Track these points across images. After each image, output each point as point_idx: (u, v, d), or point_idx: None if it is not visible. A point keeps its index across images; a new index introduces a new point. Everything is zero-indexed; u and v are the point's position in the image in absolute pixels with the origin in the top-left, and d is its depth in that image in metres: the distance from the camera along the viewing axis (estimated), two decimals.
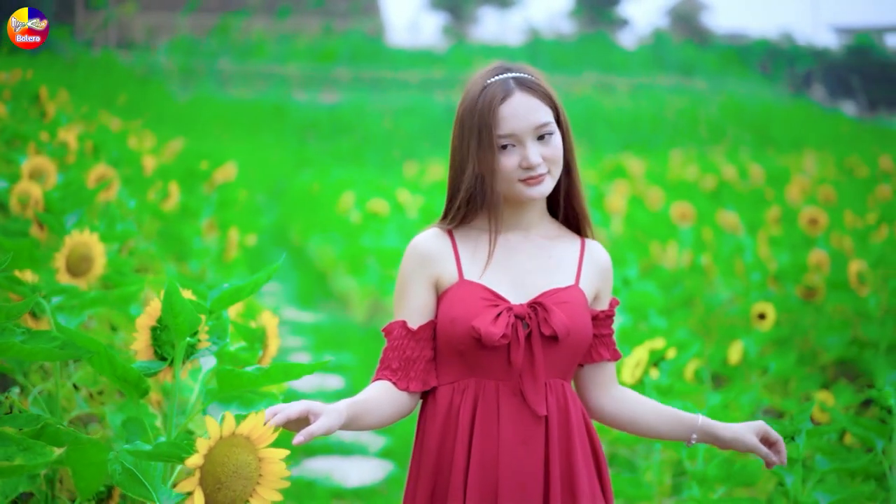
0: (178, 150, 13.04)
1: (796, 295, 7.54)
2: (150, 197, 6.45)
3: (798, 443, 2.90)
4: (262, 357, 3.19)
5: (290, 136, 27.44)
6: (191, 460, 1.91)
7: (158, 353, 2.58)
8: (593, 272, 2.63)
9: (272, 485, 2.01)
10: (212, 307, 2.59)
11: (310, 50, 34.10)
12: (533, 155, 2.50)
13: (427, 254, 2.56)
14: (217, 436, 1.94)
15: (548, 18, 72.37)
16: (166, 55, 30.67)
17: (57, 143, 6.10)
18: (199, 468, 1.93)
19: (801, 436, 2.90)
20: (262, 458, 2.00)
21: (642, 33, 48.83)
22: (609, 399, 2.64)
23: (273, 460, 2.01)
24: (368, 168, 23.49)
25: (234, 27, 34.41)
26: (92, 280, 3.70)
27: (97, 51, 28.09)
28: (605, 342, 2.63)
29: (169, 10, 35.41)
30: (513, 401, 2.48)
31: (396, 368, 2.52)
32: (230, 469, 1.95)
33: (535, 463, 2.46)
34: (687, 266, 8.92)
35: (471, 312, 2.47)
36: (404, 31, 48.66)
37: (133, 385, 2.50)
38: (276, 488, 2.01)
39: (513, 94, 2.53)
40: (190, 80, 29.81)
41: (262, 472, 2.01)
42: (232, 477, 1.96)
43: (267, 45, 33.65)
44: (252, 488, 1.99)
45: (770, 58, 39.50)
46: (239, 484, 1.97)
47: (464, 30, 50.05)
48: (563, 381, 2.54)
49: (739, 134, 28.53)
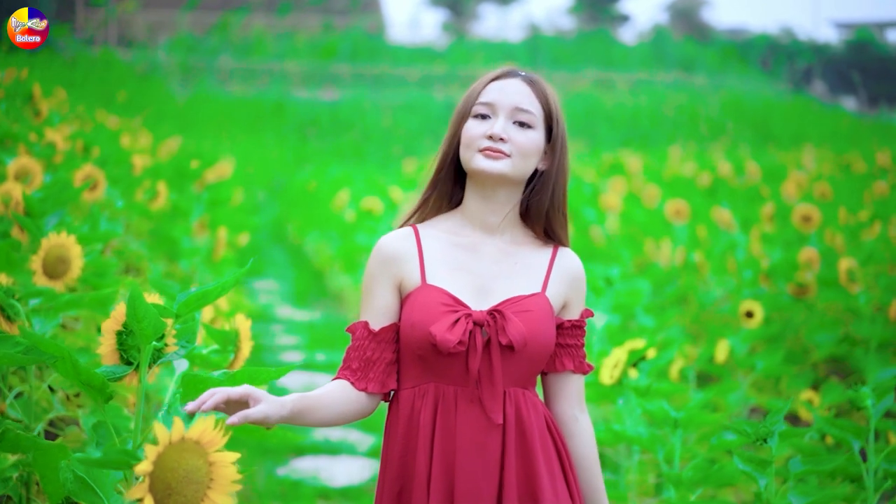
0: (174, 148, 13.04)
1: (788, 292, 7.52)
2: (138, 196, 6.43)
3: (770, 445, 2.89)
4: (234, 360, 3.18)
5: (290, 133, 27.46)
6: (139, 467, 1.91)
7: (124, 357, 2.57)
8: (562, 280, 2.59)
9: (224, 489, 2.00)
10: (178, 311, 2.58)
11: (310, 47, 34.10)
12: (499, 126, 2.51)
13: (391, 255, 2.55)
14: (166, 441, 1.93)
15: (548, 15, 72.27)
16: (167, 53, 30.68)
17: (44, 143, 6.08)
18: (148, 474, 1.92)
19: (773, 438, 2.89)
20: (213, 462, 1.99)
21: (642, 29, 48.74)
22: (569, 418, 2.59)
23: (224, 464, 2.00)
24: (368, 165, 23.49)
25: (235, 24, 34.42)
26: (69, 282, 3.68)
27: (97, 48, 28.10)
28: (569, 352, 2.59)
29: (169, 7, 35.41)
30: (470, 407, 2.47)
31: (356, 369, 2.53)
32: (181, 474, 1.94)
33: (490, 469, 2.45)
34: (680, 264, 8.91)
35: (429, 317, 2.46)
36: (404, 27, 48.57)
37: (97, 390, 2.49)
38: (228, 492, 2.00)
39: (510, 78, 2.57)
40: (190, 78, 29.83)
41: (213, 477, 1.99)
42: (182, 482, 1.95)
43: (267, 43, 33.66)
44: (203, 493, 1.98)
45: (770, 53, 39.46)
46: (190, 489, 1.96)
47: (464, 26, 50.03)
48: (524, 390, 2.52)
49: (739, 130, 28.49)
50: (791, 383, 6.68)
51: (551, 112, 2.56)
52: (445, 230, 2.59)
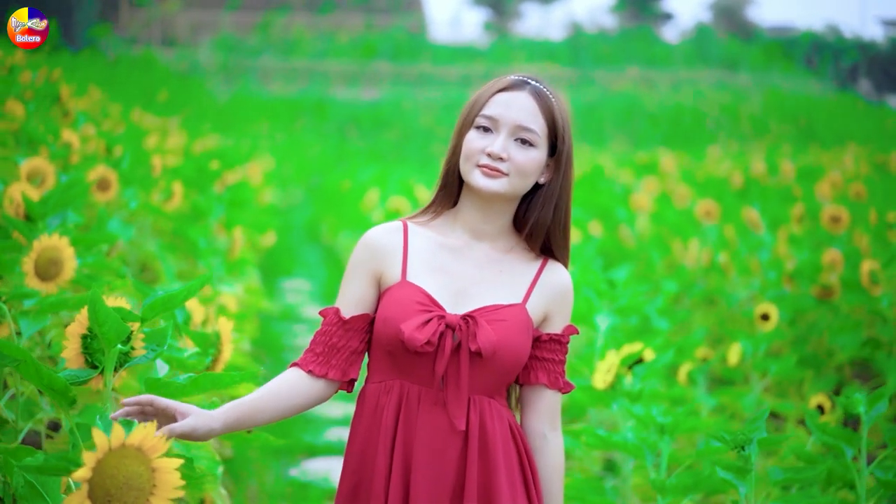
0: (207, 147, 13.09)
1: (812, 294, 7.44)
2: (153, 197, 6.46)
3: (748, 453, 2.85)
4: (214, 363, 3.17)
5: (330, 132, 27.53)
6: (76, 474, 1.90)
7: (89, 361, 2.57)
8: (546, 293, 2.56)
9: (166, 495, 1.99)
10: (144, 315, 2.58)
11: (351, 46, 34.19)
12: (498, 145, 2.47)
13: (375, 248, 2.54)
14: (105, 448, 1.93)
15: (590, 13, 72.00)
16: (209, 52, 30.87)
17: (61, 144, 6.12)
18: (87, 481, 1.91)
19: (751, 445, 2.85)
20: (156, 468, 1.99)
21: (685, 27, 48.47)
22: (538, 434, 2.55)
23: (167, 470, 1.99)
24: (408, 164, 23.50)
25: (276, 24, 34.57)
26: (62, 284, 3.69)
27: (140, 48, 28.32)
28: (545, 366, 2.55)
29: (212, 7, 35.61)
30: (433, 410, 2.46)
31: (319, 353, 2.52)
32: (120, 481, 1.94)
33: (447, 474, 2.44)
34: (706, 265, 8.83)
35: (402, 315, 2.45)
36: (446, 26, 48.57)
37: (60, 394, 2.49)
38: (170, 498, 1.99)
39: (518, 91, 2.52)
40: (231, 77, 29.99)
41: (155, 483, 1.99)
42: (122, 489, 1.94)
43: (308, 42, 33.77)
44: (145, 499, 1.98)
45: (815, 51, 39.10)
46: (130, 495, 1.95)
47: (506, 25, 49.95)
48: (490, 399, 2.50)
49: (782, 129, 28.24)
50: (813, 387, 6.61)
51: (556, 128, 2.52)
52: (435, 230, 2.58)
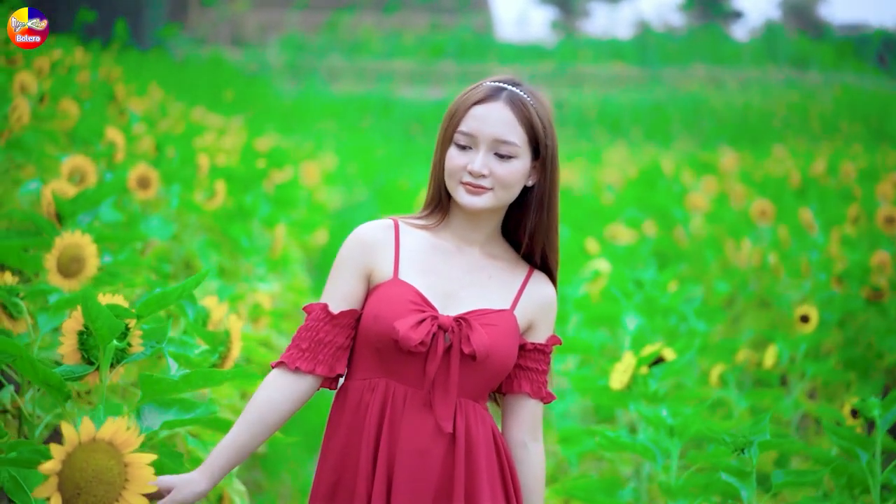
0: (266, 146, 13.19)
1: (862, 296, 7.34)
2: (197, 195, 6.53)
3: (749, 455, 2.82)
4: (223, 361, 3.20)
5: (396, 131, 27.61)
6: (45, 466, 1.94)
7: (86, 357, 2.61)
8: (531, 302, 2.56)
9: (139, 489, 2.02)
10: (139, 312, 2.61)
11: (417, 46, 34.27)
12: (478, 163, 2.46)
13: (367, 244, 2.54)
14: (74, 441, 1.96)
15: (658, 11, 71.47)
16: (275, 52, 31.12)
17: (105, 143, 6.20)
18: (57, 474, 1.95)
19: (752, 448, 2.82)
20: (129, 463, 2.01)
21: (754, 25, 47.96)
22: (518, 443, 2.56)
23: (140, 465, 2.02)
24: None
25: (344, 24, 34.75)
26: (84, 281, 3.75)
27: (208, 48, 28.61)
28: (528, 376, 2.56)
29: (280, 7, 35.89)
30: (419, 411, 2.45)
31: (305, 349, 2.50)
32: (89, 474, 1.97)
33: (430, 476, 2.43)
34: (756, 265, 8.76)
35: (395, 313, 2.44)
36: (513, 25, 48.51)
37: (55, 388, 2.54)
38: (143, 492, 2.02)
39: (493, 101, 2.49)
40: (298, 77, 30.20)
41: (128, 477, 2.02)
42: (91, 482, 1.97)
43: (374, 42, 33.91)
44: (117, 493, 2.01)
45: (887, 50, 38.47)
46: (100, 489, 1.98)
47: (573, 24, 49.78)
48: (475, 403, 2.49)
49: (853, 129, 27.84)
50: (859, 390, 6.51)
51: (536, 135, 2.50)
52: (426, 230, 2.58)
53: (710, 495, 3.24)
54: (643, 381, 3.70)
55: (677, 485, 3.14)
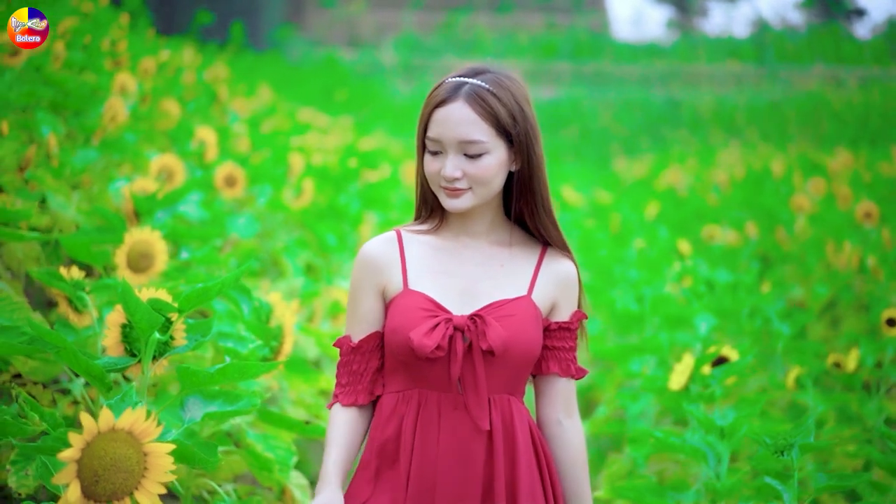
0: (370, 146, 13.30)
1: None
2: (285, 194, 6.64)
3: (790, 457, 2.79)
4: (275, 355, 3.27)
5: None
6: (64, 454, 2.01)
7: (128, 349, 2.69)
8: (550, 281, 2.56)
9: (158, 478, 2.09)
10: (181, 306, 2.68)
11: (532, 45, 34.20)
12: (449, 167, 2.48)
13: (373, 262, 2.56)
14: (93, 430, 2.03)
15: (776, 10, 70.21)
16: (390, 52, 31.34)
17: (196, 142, 6.35)
18: (75, 461, 2.02)
19: (793, 450, 2.79)
20: (148, 452, 2.08)
21: (877, 22, 46.83)
22: (553, 422, 2.57)
23: (159, 454, 2.08)
24: (585, 163, 23.41)
25: (459, 23, 34.86)
26: (153, 277, 3.85)
27: (324, 49, 28.94)
28: (556, 355, 2.56)
29: (396, 7, 36.13)
30: (454, 414, 2.46)
31: (345, 384, 2.55)
32: (108, 462, 2.04)
33: (473, 478, 2.44)
34: (855, 268, 8.58)
35: (409, 323, 2.46)
36: (629, 25, 48.13)
37: (98, 379, 2.62)
38: (163, 482, 2.08)
39: (452, 102, 2.49)
40: (412, 77, 30.36)
41: (147, 466, 2.08)
42: (110, 470, 2.04)
43: (489, 41, 33.94)
44: (136, 481, 2.07)
45: None
46: (119, 477, 2.05)
47: (690, 22, 49.17)
48: (510, 396, 2.50)
49: None
50: None
51: (502, 124, 2.48)
52: (428, 234, 2.60)
53: (760, 499, 3.20)
54: (701, 382, 3.67)
55: (724, 487, 3.12)
